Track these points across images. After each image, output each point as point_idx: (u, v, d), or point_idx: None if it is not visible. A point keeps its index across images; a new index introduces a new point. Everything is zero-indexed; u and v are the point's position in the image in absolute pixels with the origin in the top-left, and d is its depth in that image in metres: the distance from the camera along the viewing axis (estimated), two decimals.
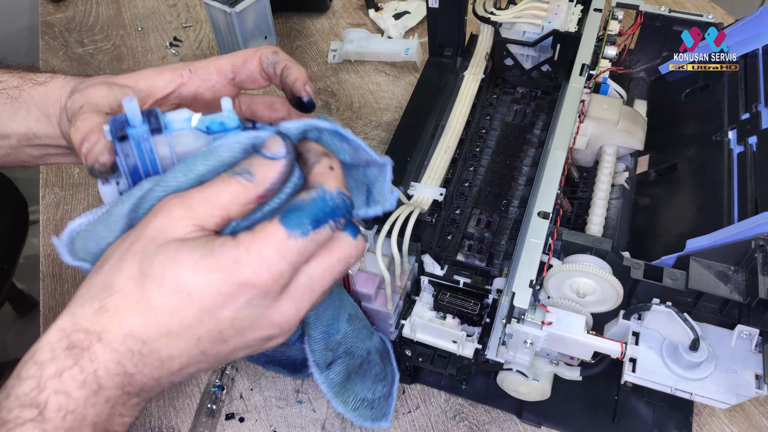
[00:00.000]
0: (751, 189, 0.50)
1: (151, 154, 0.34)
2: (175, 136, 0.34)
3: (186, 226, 0.32)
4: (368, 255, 0.53)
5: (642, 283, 0.47)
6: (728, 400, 0.44)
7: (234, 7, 0.84)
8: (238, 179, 0.33)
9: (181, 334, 0.32)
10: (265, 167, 0.33)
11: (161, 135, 0.34)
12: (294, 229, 0.33)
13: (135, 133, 0.33)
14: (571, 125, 0.55)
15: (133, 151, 0.34)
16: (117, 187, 0.36)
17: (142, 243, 0.32)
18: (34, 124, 0.44)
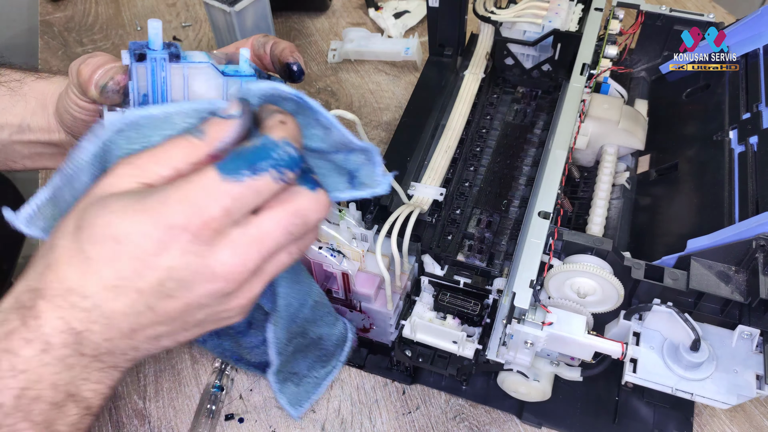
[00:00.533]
0: (752, 189, 0.50)
1: (164, 84, 0.34)
2: (191, 68, 0.34)
3: (129, 182, 0.32)
4: (368, 255, 0.53)
5: (643, 283, 0.47)
6: (729, 400, 0.44)
7: (233, 6, 0.83)
8: (188, 137, 0.32)
9: (120, 286, 0.31)
10: (216, 126, 0.32)
11: (178, 64, 0.34)
12: (229, 174, 0.31)
13: (154, 55, 0.33)
14: (571, 125, 0.55)
15: (147, 76, 0.33)
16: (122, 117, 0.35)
17: (85, 200, 0.32)
18: (29, 117, 0.44)
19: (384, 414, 0.58)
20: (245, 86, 0.34)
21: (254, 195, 0.32)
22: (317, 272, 0.52)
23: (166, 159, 0.32)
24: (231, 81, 0.35)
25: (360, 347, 0.62)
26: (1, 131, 0.45)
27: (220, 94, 0.36)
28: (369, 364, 0.61)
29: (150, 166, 0.32)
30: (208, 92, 0.35)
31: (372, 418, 0.58)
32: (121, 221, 0.30)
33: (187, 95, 0.35)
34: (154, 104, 0.35)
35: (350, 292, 0.53)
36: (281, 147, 0.32)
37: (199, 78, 0.35)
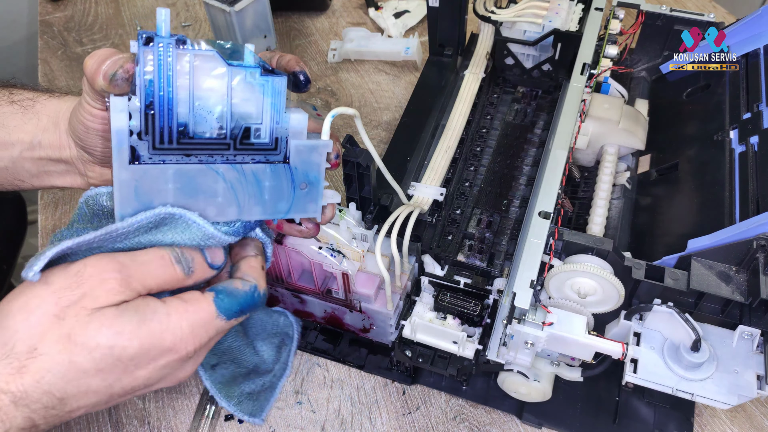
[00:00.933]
0: (753, 189, 0.50)
1: (170, 70, 0.35)
2: (197, 56, 0.35)
3: (119, 294, 0.35)
4: (368, 255, 0.53)
5: (643, 283, 0.46)
6: (730, 400, 0.44)
7: (233, 6, 0.83)
8: (178, 268, 0.38)
9: (99, 391, 0.36)
10: (203, 271, 0.39)
11: (185, 50, 0.35)
12: (223, 313, 0.39)
13: (161, 40, 0.34)
14: (572, 125, 0.54)
15: (154, 61, 0.35)
16: (128, 103, 0.35)
17: (74, 309, 0.34)
18: (40, 134, 0.45)
19: (384, 414, 0.58)
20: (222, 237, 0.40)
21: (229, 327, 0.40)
22: (317, 272, 0.52)
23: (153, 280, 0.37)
24: (235, 71, 0.36)
25: (360, 347, 0.62)
26: (12, 148, 0.45)
27: (224, 81, 0.37)
28: (369, 364, 0.61)
29: (137, 283, 0.36)
30: (213, 81, 0.36)
31: (372, 419, 0.58)
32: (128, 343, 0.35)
33: (192, 83, 0.36)
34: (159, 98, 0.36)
35: (350, 292, 0.53)
36: (263, 296, 0.41)
37: (205, 65, 0.36)
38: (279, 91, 0.38)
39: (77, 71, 0.94)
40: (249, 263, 0.42)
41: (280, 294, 0.59)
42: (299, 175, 0.40)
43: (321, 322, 0.62)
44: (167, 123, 0.36)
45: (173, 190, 0.38)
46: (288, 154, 0.40)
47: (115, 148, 0.36)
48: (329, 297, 0.55)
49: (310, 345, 0.62)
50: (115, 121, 0.36)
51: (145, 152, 0.37)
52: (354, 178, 0.52)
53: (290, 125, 0.39)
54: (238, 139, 0.38)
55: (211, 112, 0.37)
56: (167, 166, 0.37)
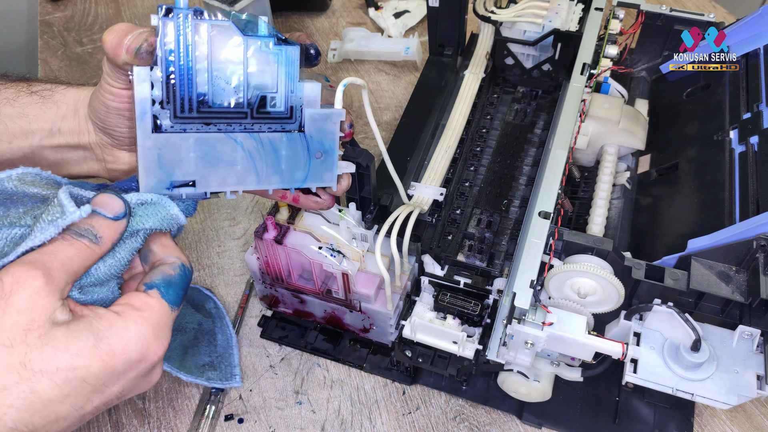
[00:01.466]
0: (753, 189, 0.50)
1: (189, 41, 0.37)
2: (214, 26, 0.37)
3: (52, 300, 0.33)
4: (368, 255, 0.53)
5: (643, 283, 0.46)
6: (729, 400, 0.44)
7: (233, 6, 0.83)
8: (85, 242, 0.36)
9: (69, 416, 0.34)
10: (109, 229, 0.36)
11: (203, 21, 0.37)
12: (173, 303, 0.38)
13: (180, 11, 0.36)
14: (572, 125, 0.54)
15: (174, 32, 0.36)
16: (150, 73, 0.37)
17: (18, 334, 0.32)
18: (60, 121, 0.45)
19: (384, 414, 0.58)
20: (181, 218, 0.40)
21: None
22: (317, 272, 0.52)
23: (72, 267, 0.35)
24: (250, 40, 0.38)
25: (360, 347, 0.62)
26: (32, 137, 0.45)
27: (241, 51, 0.38)
28: (369, 364, 0.61)
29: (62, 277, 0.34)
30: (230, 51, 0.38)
31: (372, 419, 0.58)
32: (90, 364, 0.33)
33: (210, 53, 0.38)
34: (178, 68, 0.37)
35: (350, 293, 0.53)
36: (190, 268, 0.41)
37: (221, 35, 0.37)
38: (293, 59, 0.40)
39: (77, 71, 0.94)
40: (161, 243, 0.40)
41: (280, 294, 0.59)
42: (314, 143, 0.42)
43: (321, 322, 0.62)
44: (187, 92, 0.38)
45: (194, 158, 0.40)
46: (303, 123, 0.41)
47: (138, 117, 0.38)
48: (329, 297, 0.55)
49: (310, 345, 0.62)
50: (138, 90, 0.37)
51: (167, 121, 0.38)
52: (354, 178, 0.52)
53: (304, 94, 0.41)
54: (254, 108, 0.40)
55: (229, 82, 0.39)
56: (188, 134, 0.39)
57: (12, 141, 0.45)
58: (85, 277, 0.36)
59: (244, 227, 0.73)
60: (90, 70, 0.94)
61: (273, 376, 0.61)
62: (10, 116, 0.45)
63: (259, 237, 0.51)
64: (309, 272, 0.53)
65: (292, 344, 0.62)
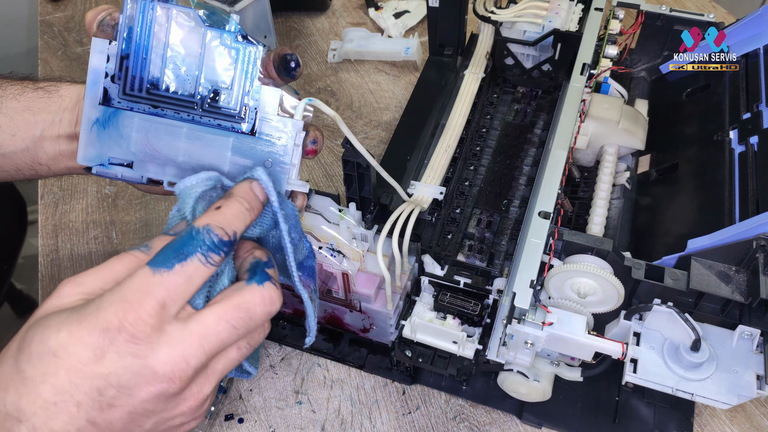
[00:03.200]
0: (753, 189, 0.50)
1: (150, 19, 0.37)
2: (176, 11, 0.37)
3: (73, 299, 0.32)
4: (368, 255, 0.53)
5: (643, 283, 0.46)
6: (729, 400, 0.44)
7: (233, 6, 0.83)
8: (134, 252, 0.34)
9: (58, 402, 0.29)
10: (160, 241, 0.34)
11: (166, 4, 0.37)
12: (159, 266, 0.32)
13: None
14: (571, 125, 0.54)
15: (137, 8, 0.37)
16: (108, 46, 0.38)
17: (28, 322, 0.32)
18: (62, 112, 0.46)
19: (384, 414, 0.58)
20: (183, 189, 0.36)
21: (186, 282, 0.32)
22: (317, 272, 0.52)
23: (111, 276, 0.33)
24: (211, 32, 0.38)
25: (360, 347, 0.62)
26: (35, 127, 0.46)
27: (200, 41, 0.38)
28: (369, 364, 0.61)
29: (94, 283, 0.32)
30: (189, 39, 0.38)
31: (372, 419, 0.58)
32: (57, 334, 0.29)
33: (169, 37, 0.38)
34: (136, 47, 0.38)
35: (350, 292, 0.53)
36: (202, 233, 0.33)
37: (182, 23, 0.38)
38: (252, 59, 0.38)
39: (77, 71, 0.94)
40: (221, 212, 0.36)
41: None
42: (264, 150, 0.39)
43: (321, 322, 0.62)
44: (140, 71, 0.38)
45: (136, 138, 0.39)
46: (255, 128, 0.39)
47: (88, 86, 0.38)
48: (329, 297, 0.55)
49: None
50: (93, 60, 0.38)
51: (115, 95, 0.38)
52: (354, 178, 0.52)
53: (261, 97, 0.38)
54: (206, 100, 0.38)
55: (183, 69, 0.38)
56: (134, 113, 0.39)
57: (16, 133, 0.45)
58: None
59: None
60: None
61: (273, 375, 0.61)
62: (15, 109, 0.45)
63: None
64: None
65: (293, 344, 0.62)
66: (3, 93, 0.46)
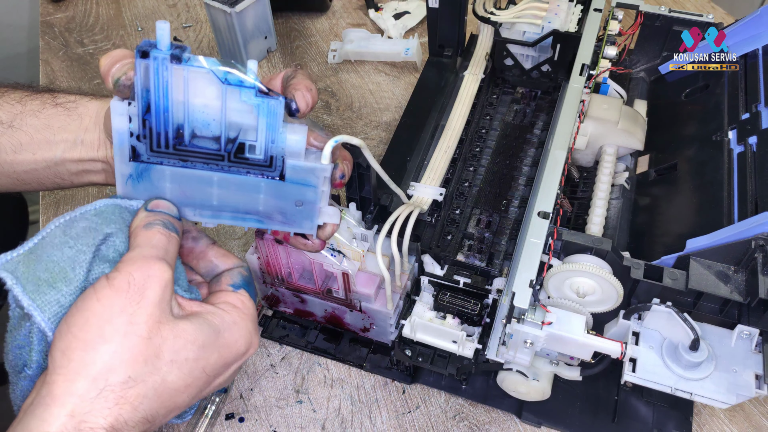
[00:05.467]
0: (751, 189, 0.50)
1: (166, 82, 0.36)
2: (192, 72, 0.36)
3: (169, 284, 0.36)
4: (368, 255, 0.53)
5: (642, 283, 0.47)
6: (728, 400, 0.44)
7: (234, 7, 0.84)
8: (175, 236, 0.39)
9: (183, 405, 0.36)
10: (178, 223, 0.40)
11: (180, 66, 0.36)
12: (254, 297, 0.42)
13: (156, 54, 0.35)
14: (571, 125, 0.55)
15: (150, 73, 0.36)
16: (128, 107, 0.38)
17: (152, 324, 0.34)
18: (83, 133, 0.46)
19: (384, 413, 0.58)
20: None
21: None
22: (317, 272, 0.53)
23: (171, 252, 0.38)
24: (230, 90, 0.37)
25: (360, 347, 0.62)
26: (57, 148, 0.46)
27: (219, 98, 0.37)
28: (369, 363, 0.61)
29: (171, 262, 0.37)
30: (208, 97, 0.37)
31: (372, 418, 0.58)
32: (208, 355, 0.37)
33: (188, 97, 0.37)
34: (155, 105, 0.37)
35: (350, 292, 0.53)
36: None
37: (199, 82, 0.37)
38: (274, 112, 0.38)
39: (78, 72, 0.94)
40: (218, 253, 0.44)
41: (281, 293, 0.59)
42: (295, 193, 0.40)
43: (321, 322, 0.62)
44: (163, 130, 0.38)
45: (170, 188, 0.40)
46: (284, 173, 0.40)
47: (116, 146, 0.38)
48: (329, 296, 0.55)
49: (310, 344, 0.62)
50: (116, 122, 0.38)
51: (143, 152, 0.38)
52: (354, 178, 0.52)
53: (287, 145, 0.39)
54: (232, 153, 0.39)
55: (207, 125, 0.38)
56: (164, 166, 0.39)
57: (36, 152, 0.46)
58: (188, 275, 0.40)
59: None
60: (91, 71, 0.94)
61: (273, 375, 0.61)
62: (35, 127, 0.46)
63: (259, 237, 0.51)
64: (309, 272, 0.53)
65: (293, 343, 0.62)
66: (23, 109, 0.46)
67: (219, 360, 0.37)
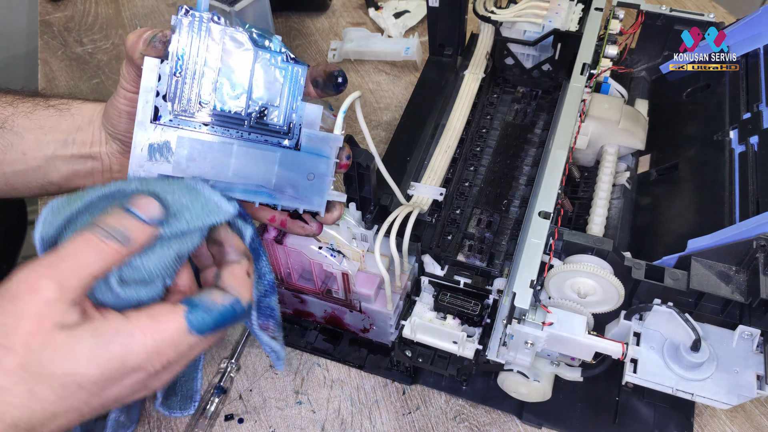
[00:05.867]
0: (753, 189, 0.50)
1: (201, 43, 0.38)
2: (228, 33, 0.39)
3: (62, 307, 0.33)
4: (368, 255, 0.53)
5: (643, 283, 0.46)
6: (729, 400, 0.44)
7: (233, 6, 0.83)
8: (112, 243, 0.34)
9: (66, 415, 0.34)
10: (142, 232, 0.35)
11: (219, 25, 0.38)
12: (195, 329, 0.35)
13: (198, 12, 0.38)
14: (572, 125, 0.54)
15: (189, 32, 0.38)
16: (159, 65, 0.38)
17: (21, 337, 0.32)
18: (74, 132, 0.46)
19: (384, 414, 0.58)
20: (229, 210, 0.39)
21: (205, 345, 0.37)
22: (317, 272, 0.52)
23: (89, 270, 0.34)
24: (261, 52, 0.39)
25: (360, 347, 0.62)
26: (47, 147, 0.46)
27: (250, 61, 0.39)
28: (369, 364, 0.61)
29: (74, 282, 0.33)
30: (238, 59, 0.39)
31: (372, 419, 0.58)
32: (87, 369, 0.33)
33: (220, 57, 0.39)
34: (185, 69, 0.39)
35: (350, 292, 0.53)
36: (246, 309, 0.37)
37: (233, 44, 0.39)
38: (298, 78, 0.41)
39: (77, 71, 0.94)
40: (232, 272, 0.38)
41: (281, 294, 0.59)
42: (308, 164, 0.42)
43: (321, 322, 0.62)
44: (190, 90, 0.39)
45: (186, 156, 0.40)
46: (300, 142, 0.42)
47: (140, 104, 0.39)
48: (329, 297, 0.55)
49: (310, 345, 0.62)
50: (145, 79, 0.39)
51: (166, 114, 0.39)
52: (354, 178, 0.52)
53: (305, 113, 0.41)
54: (254, 117, 0.40)
55: (234, 87, 0.40)
56: (184, 131, 0.40)
57: (27, 152, 0.46)
58: (129, 271, 0.35)
59: None
60: (90, 70, 0.94)
61: (273, 376, 0.61)
62: (26, 128, 0.46)
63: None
64: (309, 272, 0.53)
65: (293, 344, 0.62)
66: (14, 111, 0.46)
67: (99, 375, 0.33)
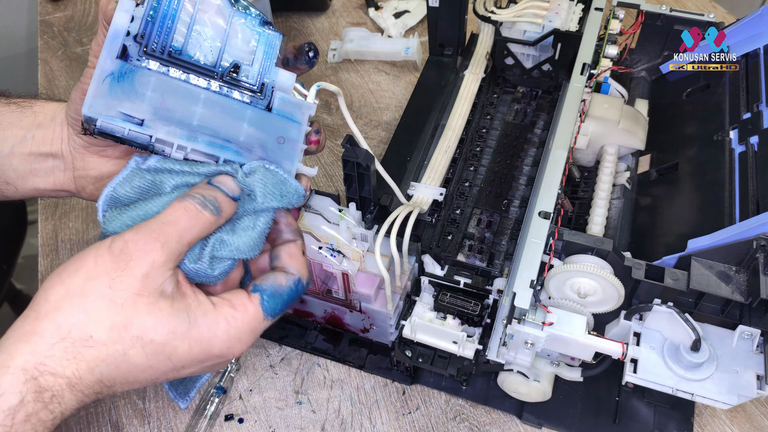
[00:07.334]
0: (753, 189, 0.50)
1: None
2: None
3: (166, 273, 0.36)
4: (368, 255, 0.53)
5: (643, 283, 0.46)
6: (729, 400, 0.44)
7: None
8: (207, 213, 0.37)
9: (144, 382, 0.36)
10: (228, 205, 0.38)
11: None
12: (269, 314, 0.39)
13: None
14: (572, 125, 0.54)
15: None
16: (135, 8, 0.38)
17: (129, 296, 0.34)
18: (35, 129, 0.45)
19: (384, 414, 0.58)
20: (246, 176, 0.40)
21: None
22: (317, 272, 0.52)
23: (189, 237, 0.37)
24: (238, 13, 0.40)
25: (360, 347, 0.62)
26: (4, 143, 0.45)
27: (226, 18, 0.40)
28: (369, 364, 0.61)
29: (177, 247, 0.36)
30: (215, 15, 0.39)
31: (372, 419, 0.58)
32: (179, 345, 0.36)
33: (196, 8, 0.39)
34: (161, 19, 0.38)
35: (350, 292, 0.53)
36: (306, 286, 0.41)
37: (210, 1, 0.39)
38: (272, 44, 0.41)
39: (77, 71, 0.94)
40: (289, 252, 0.41)
41: None
42: (279, 127, 0.41)
43: (321, 322, 0.62)
44: (164, 35, 0.38)
45: (150, 97, 0.38)
46: (272, 104, 0.41)
47: (108, 39, 0.38)
48: (329, 297, 0.55)
49: (310, 345, 0.62)
50: (117, 17, 0.38)
51: (134, 53, 0.38)
52: (354, 178, 0.52)
53: (278, 79, 0.41)
54: (226, 71, 0.40)
55: (207, 41, 0.39)
56: (151, 72, 0.38)
57: None
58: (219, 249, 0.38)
59: None
60: None
61: (273, 376, 0.61)
62: None
63: None
64: (309, 272, 0.53)
65: (293, 344, 0.62)
66: None
67: (187, 352, 0.36)
